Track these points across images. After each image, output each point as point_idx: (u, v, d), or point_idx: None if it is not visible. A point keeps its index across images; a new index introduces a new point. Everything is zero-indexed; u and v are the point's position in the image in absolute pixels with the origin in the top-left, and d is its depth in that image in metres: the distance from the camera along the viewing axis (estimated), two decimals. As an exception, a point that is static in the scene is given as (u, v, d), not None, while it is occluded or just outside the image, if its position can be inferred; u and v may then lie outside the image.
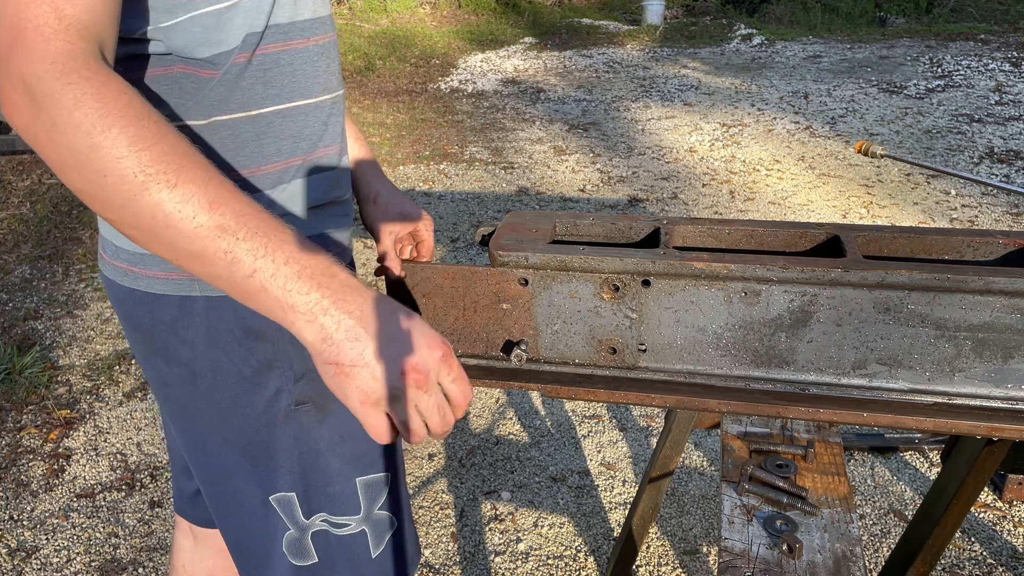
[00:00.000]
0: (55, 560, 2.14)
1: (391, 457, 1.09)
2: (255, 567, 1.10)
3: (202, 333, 0.95)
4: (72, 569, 2.11)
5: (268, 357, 0.97)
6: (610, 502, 2.34)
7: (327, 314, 0.72)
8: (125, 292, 0.98)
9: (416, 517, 2.29)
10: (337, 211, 1.04)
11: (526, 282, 1.01)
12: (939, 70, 7.60)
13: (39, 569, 2.11)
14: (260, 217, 0.72)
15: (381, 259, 1.05)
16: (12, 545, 2.19)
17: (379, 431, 0.76)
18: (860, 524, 1.97)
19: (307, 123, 0.97)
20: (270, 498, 1.04)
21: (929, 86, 7.00)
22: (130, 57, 0.85)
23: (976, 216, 4.35)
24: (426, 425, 0.77)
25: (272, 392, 0.99)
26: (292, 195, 0.97)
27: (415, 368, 0.74)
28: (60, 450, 2.58)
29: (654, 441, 2.62)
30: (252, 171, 0.93)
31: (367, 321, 0.73)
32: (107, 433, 2.66)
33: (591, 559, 2.13)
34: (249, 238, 0.71)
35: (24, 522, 2.28)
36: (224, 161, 0.91)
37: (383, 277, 1.05)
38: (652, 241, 1.07)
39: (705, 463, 2.50)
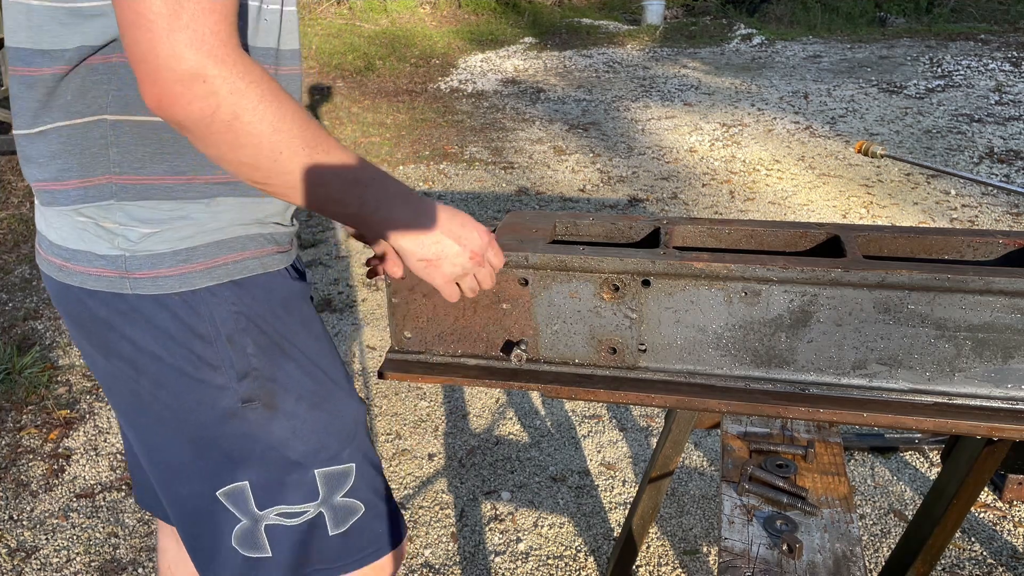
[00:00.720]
0: (55, 560, 2.14)
1: (356, 449, 1.12)
2: (206, 561, 1.11)
3: (140, 329, 0.97)
4: (72, 569, 2.11)
5: (208, 357, 0.98)
6: (610, 502, 2.34)
7: (418, 223, 0.97)
8: (60, 287, 1.00)
9: (416, 517, 2.29)
10: (276, 237, 1.06)
11: (526, 282, 1.01)
12: (939, 70, 7.60)
13: (39, 569, 2.11)
14: (375, 167, 0.95)
15: (380, 259, 1.05)
16: (12, 545, 2.19)
17: (454, 295, 1.03)
18: (860, 524, 1.97)
19: None
20: (217, 493, 1.06)
21: (929, 86, 7.00)
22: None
23: (976, 216, 4.35)
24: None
25: (216, 389, 1.00)
26: (223, 210, 0.98)
27: (474, 252, 1.01)
28: (60, 450, 2.58)
29: (654, 441, 2.62)
30: (190, 177, 0.95)
31: (442, 226, 0.99)
32: (107, 433, 2.66)
33: (591, 559, 2.13)
34: (371, 183, 0.93)
35: (24, 522, 2.28)
36: (164, 161, 0.95)
37: (382, 278, 1.06)
38: (652, 241, 1.07)
39: (705, 463, 2.50)
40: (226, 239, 0.98)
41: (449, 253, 1.00)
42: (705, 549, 2.16)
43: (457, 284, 1.03)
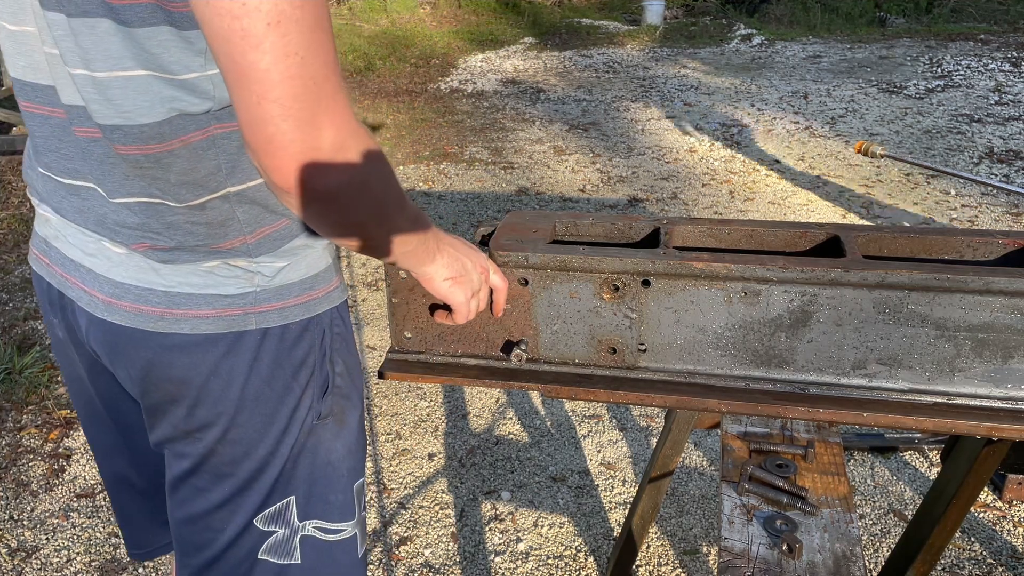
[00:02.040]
0: (55, 560, 2.14)
1: (361, 462, 1.16)
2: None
3: (247, 368, 0.94)
4: (72, 569, 2.11)
5: (303, 379, 0.98)
6: (610, 502, 2.34)
7: (441, 250, 1.00)
8: (156, 339, 0.93)
9: (416, 517, 2.29)
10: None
11: (526, 282, 1.01)
12: (939, 70, 7.60)
13: (39, 569, 2.11)
14: (423, 214, 0.98)
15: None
16: (12, 545, 2.19)
17: (472, 313, 1.05)
18: (860, 524, 1.97)
19: None
20: (255, 520, 1.02)
21: (929, 86, 7.00)
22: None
23: (976, 216, 4.35)
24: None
25: (304, 412, 1.00)
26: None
27: (483, 268, 1.05)
28: (60, 450, 2.58)
29: (654, 441, 2.62)
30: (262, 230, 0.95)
31: (456, 246, 1.02)
32: (107, 433, 2.67)
33: (591, 559, 2.13)
34: (428, 227, 0.97)
35: (24, 522, 2.28)
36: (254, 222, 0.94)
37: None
38: (652, 241, 1.07)
39: (705, 463, 2.50)
40: (331, 263, 1.02)
41: (469, 270, 1.03)
42: (705, 549, 2.16)
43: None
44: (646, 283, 0.95)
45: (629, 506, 2.25)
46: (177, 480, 1.02)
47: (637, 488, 2.34)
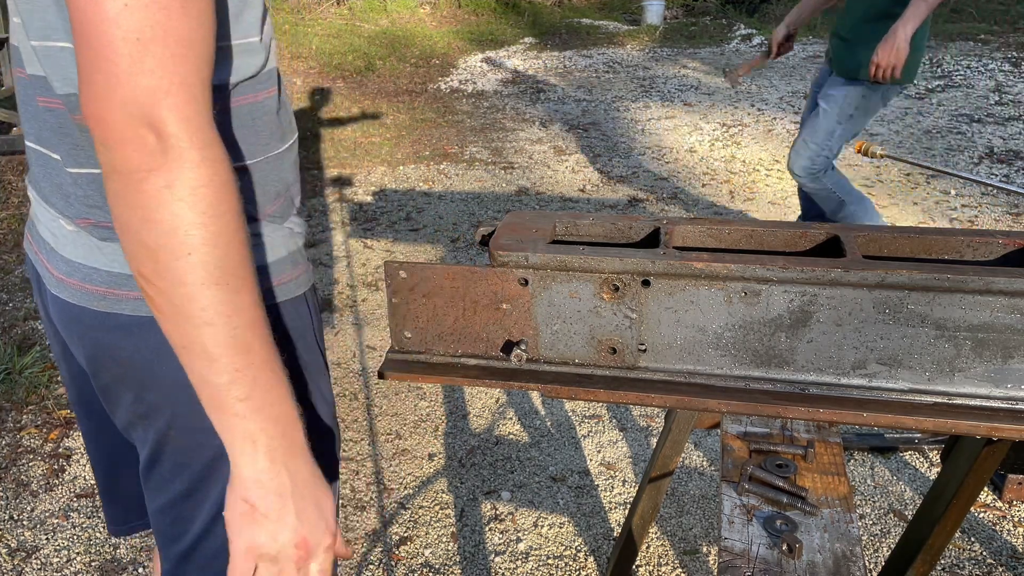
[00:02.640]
0: (55, 560, 2.14)
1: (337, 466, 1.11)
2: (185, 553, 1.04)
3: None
4: (72, 569, 2.11)
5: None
6: (610, 502, 2.34)
7: (273, 462, 0.79)
8: (99, 319, 0.91)
9: (416, 517, 2.29)
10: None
11: (526, 282, 1.01)
12: (939, 70, 7.60)
13: (39, 569, 2.11)
14: (274, 352, 0.79)
15: None
16: (12, 545, 2.19)
17: (243, 574, 0.82)
18: (860, 524, 1.97)
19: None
20: (224, 513, 0.99)
21: (929, 86, 7.00)
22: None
23: (976, 216, 4.35)
24: None
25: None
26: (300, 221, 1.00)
27: (306, 543, 0.81)
28: (60, 450, 2.58)
29: (654, 441, 2.62)
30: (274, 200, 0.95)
31: (297, 484, 0.80)
32: (107, 433, 2.67)
33: (591, 559, 2.13)
34: (260, 367, 0.77)
35: (24, 522, 2.28)
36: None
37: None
38: (652, 241, 1.07)
39: (705, 463, 2.50)
40: (287, 254, 0.97)
41: (281, 519, 0.80)
42: (705, 549, 2.16)
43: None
44: (646, 283, 0.95)
45: (629, 506, 2.25)
46: (145, 469, 1.01)
47: (637, 488, 2.34)
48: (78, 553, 2.16)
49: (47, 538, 2.22)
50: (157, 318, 0.76)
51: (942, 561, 2.09)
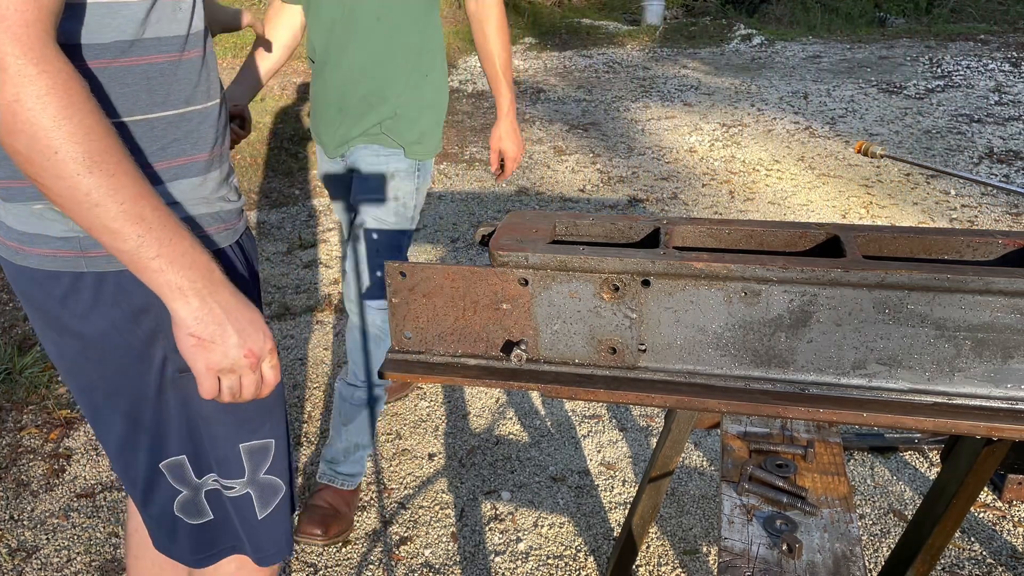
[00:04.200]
0: (55, 560, 2.14)
1: (275, 424, 1.17)
2: (156, 529, 1.19)
3: (90, 306, 1.01)
4: (72, 569, 2.11)
5: (152, 327, 1.03)
6: (610, 502, 2.34)
7: (203, 300, 0.93)
8: (17, 270, 1.03)
9: (416, 517, 2.29)
10: (222, 215, 1.11)
11: (526, 282, 1.01)
12: (939, 70, 7.60)
13: (39, 569, 2.11)
14: (168, 214, 0.91)
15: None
16: (12, 545, 2.19)
17: (211, 391, 0.98)
18: (860, 524, 1.97)
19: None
20: (160, 465, 1.11)
21: (929, 86, 7.00)
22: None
23: (976, 216, 4.35)
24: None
25: (159, 361, 1.05)
26: (172, 191, 1.04)
27: (252, 352, 0.97)
28: (60, 450, 2.58)
29: (654, 441, 2.62)
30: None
31: (229, 311, 0.95)
32: (107, 433, 2.67)
33: (591, 559, 2.14)
34: (158, 228, 0.89)
35: (24, 522, 2.28)
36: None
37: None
38: (652, 241, 1.07)
39: (705, 463, 2.50)
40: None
41: (226, 341, 0.95)
42: (705, 549, 2.16)
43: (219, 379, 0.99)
44: (646, 283, 0.95)
45: (629, 506, 2.25)
46: (92, 415, 1.13)
47: (637, 488, 2.33)
48: (78, 553, 2.16)
49: (47, 538, 2.22)
50: (64, 212, 0.88)
51: (942, 561, 2.09)
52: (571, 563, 2.12)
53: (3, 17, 0.79)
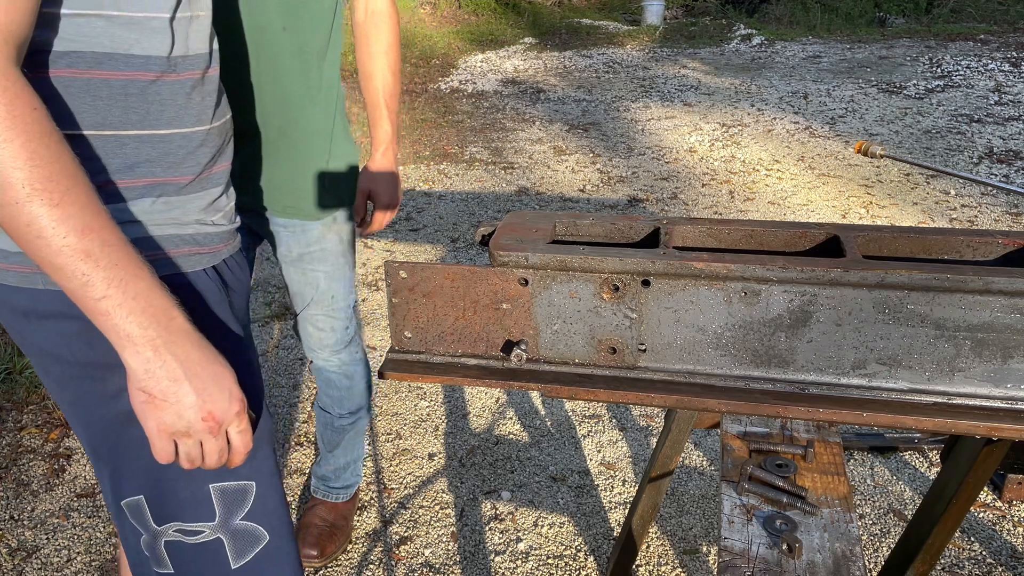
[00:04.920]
0: (55, 560, 2.14)
1: (258, 465, 1.04)
2: (132, 560, 1.08)
3: (44, 327, 0.95)
4: (72, 569, 2.12)
5: (105, 356, 0.92)
6: (610, 502, 2.34)
7: (156, 351, 0.83)
8: None
9: (416, 517, 2.29)
10: (198, 238, 1.02)
11: (526, 282, 1.01)
12: (939, 70, 7.60)
13: (39, 569, 2.11)
14: (124, 250, 0.82)
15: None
16: (12, 545, 2.19)
17: (164, 455, 0.88)
18: (860, 524, 1.97)
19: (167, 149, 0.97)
20: (121, 503, 1.02)
21: (929, 86, 7.00)
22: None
23: (976, 216, 4.35)
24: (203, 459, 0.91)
25: (115, 390, 0.95)
26: (137, 211, 0.96)
27: (212, 416, 0.87)
28: (60, 450, 2.58)
29: (654, 441, 2.62)
30: (101, 184, 0.92)
31: (188, 365, 0.85)
32: (107, 433, 2.67)
33: (591, 559, 2.14)
34: (108, 267, 0.80)
35: (24, 522, 2.28)
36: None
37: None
38: (652, 241, 1.07)
39: (705, 463, 2.50)
40: (136, 238, 0.94)
41: (180, 401, 0.85)
42: (705, 549, 2.16)
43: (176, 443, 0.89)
44: (646, 283, 0.95)
45: (629, 506, 2.25)
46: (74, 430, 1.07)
47: (637, 488, 2.34)
48: (78, 553, 2.16)
49: (47, 538, 2.22)
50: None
51: (942, 561, 2.09)
52: (571, 563, 2.12)
53: None
